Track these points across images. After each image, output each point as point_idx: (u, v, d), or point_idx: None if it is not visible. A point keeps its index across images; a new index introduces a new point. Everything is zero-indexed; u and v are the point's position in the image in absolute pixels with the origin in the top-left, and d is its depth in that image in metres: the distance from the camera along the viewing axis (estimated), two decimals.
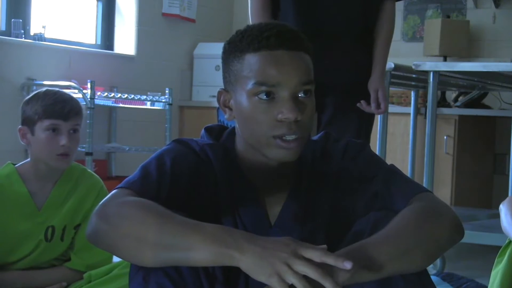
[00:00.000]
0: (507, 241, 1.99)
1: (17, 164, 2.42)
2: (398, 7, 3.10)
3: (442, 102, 5.52)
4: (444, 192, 5.13)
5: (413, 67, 3.89)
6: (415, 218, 1.46)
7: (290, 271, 1.30)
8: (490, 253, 3.63)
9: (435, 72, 3.82)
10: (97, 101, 4.94)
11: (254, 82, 1.49)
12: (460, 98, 5.48)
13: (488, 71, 3.96)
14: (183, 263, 1.38)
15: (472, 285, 3.61)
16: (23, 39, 4.95)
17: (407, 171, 5.00)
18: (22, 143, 2.39)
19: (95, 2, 5.73)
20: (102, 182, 2.49)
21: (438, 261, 3.81)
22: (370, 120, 3.04)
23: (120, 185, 1.50)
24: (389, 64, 3.93)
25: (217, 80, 1.67)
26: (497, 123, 5.59)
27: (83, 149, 4.78)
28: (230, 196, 1.58)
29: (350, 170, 1.61)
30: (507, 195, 3.72)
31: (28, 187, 2.38)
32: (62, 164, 2.35)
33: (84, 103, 4.66)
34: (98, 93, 4.94)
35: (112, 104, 5.23)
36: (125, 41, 5.78)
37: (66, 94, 2.38)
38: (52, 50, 5.14)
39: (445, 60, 5.60)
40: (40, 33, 5.06)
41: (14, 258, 2.37)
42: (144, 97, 5.32)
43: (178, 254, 1.36)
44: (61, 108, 2.31)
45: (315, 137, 1.68)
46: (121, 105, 5.26)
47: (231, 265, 1.34)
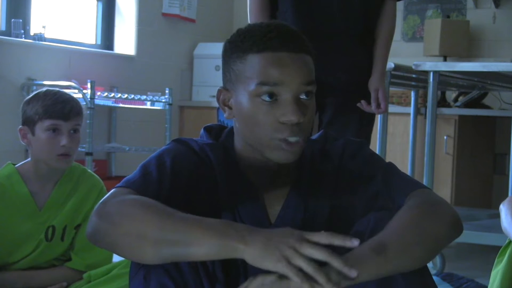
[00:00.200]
0: (507, 241, 1.99)
1: (18, 164, 2.42)
2: (398, 7, 3.10)
3: (442, 102, 5.52)
4: (444, 192, 5.13)
5: (413, 67, 3.89)
6: (414, 215, 1.46)
7: (297, 254, 1.29)
8: (490, 253, 3.64)
9: (435, 72, 3.82)
10: (97, 101, 4.94)
11: (257, 83, 1.49)
12: (460, 98, 5.48)
13: (488, 71, 3.96)
14: (185, 258, 1.37)
15: (472, 285, 3.61)
16: (23, 39, 4.95)
17: (407, 171, 5.00)
18: (23, 143, 2.39)
19: (95, 2, 5.73)
20: (103, 183, 2.49)
21: (438, 261, 3.81)
22: (371, 120, 3.04)
23: (120, 184, 1.50)
24: (389, 64, 3.92)
25: (217, 80, 1.67)
26: (497, 123, 5.59)
27: (83, 149, 4.78)
28: (230, 196, 1.58)
29: (349, 169, 1.62)
30: (507, 195, 3.72)
31: (29, 187, 2.38)
32: (63, 164, 2.35)
33: (84, 103, 4.66)
34: (98, 93, 4.94)
35: (112, 104, 5.23)
36: (125, 41, 5.78)
37: (67, 94, 2.38)
38: (52, 50, 5.14)
39: (445, 60, 5.59)
40: (40, 33, 5.06)
41: (15, 258, 2.37)
42: (144, 97, 5.31)
43: (180, 249, 1.35)
44: (62, 108, 2.31)
45: (314, 137, 1.68)
46: (121, 105, 5.26)
47: (235, 258, 1.33)
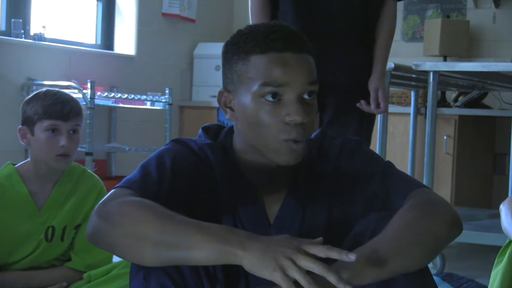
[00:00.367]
0: (507, 241, 1.99)
1: (17, 164, 2.42)
2: (399, 7, 3.10)
3: (442, 102, 5.52)
4: (444, 192, 5.13)
5: (413, 67, 3.89)
6: (414, 215, 1.46)
7: (294, 266, 1.30)
8: (490, 253, 3.64)
9: (435, 72, 3.82)
10: (97, 101, 4.94)
11: (261, 83, 1.49)
12: (460, 98, 5.47)
13: (488, 71, 3.96)
14: (185, 262, 1.37)
15: (472, 285, 3.61)
16: (23, 39, 4.95)
17: (407, 171, 4.99)
18: (22, 143, 2.39)
19: (95, 2, 5.73)
20: (103, 183, 2.49)
21: (438, 261, 3.81)
22: (371, 120, 3.03)
23: (120, 184, 1.50)
24: (389, 64, 3.92)
25: (217, 80, 1.67)
26: (497, 123, 5.59)
27: (83, 149, 4.78)
28: (229, 196, 1.57)
29: (347, 168, 1.62)
30: (507, 195, 3.72)
31: (29, 187, 2.38)
32: (62, 165, 2.35)
33: (84, 103, 4.66)
34: (98, 93, 4.94)
35: (112, 104, 5.23)
36: (125, 41, 5.78)
37: (66, 95, 2.38)
38: (52, 50, 5.14)
39: (445, 60, 5.59)
40: (40, 33, 5.06)
41: (15, 259, 2.37)
42: (144, 97, 5.31)
43: (180, 253, 1.35)
44: (61, 109, 2.31)
45: (312, 136, 1.68)
46: (121, 105, 5.26)
47: (234, 264, 1.34)
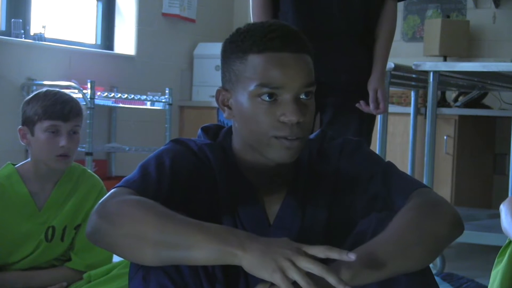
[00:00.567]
0: (507, 241, 1.99)
1: (17, 165, 2.42)
2: (399, 7, 3.09)
3: (442, 102, 5.52)
4: (444, 192, 5.13)
5: (413, 67, 3.89)
6: (415, 215, 1.46)
7: (294, 267, 1.30)
8: (490, 253, 3.63)
9: (435, 72, 3.82)
10: (97, 101, 4.94)
11: (257, 84, 1.49)
12: (460, 98, 5.47)
13: (488, 71, 3.96)
14: (184, 262, 1.37)
15: (472, 285, 3.61)
16: (23, 39, 4.95)
17: (407, 171, 4.99)
18: (22, 143, 2.39)
19: (95, 2, 5.73)
20: (103, 183, 2.49)
21: (438, 261, 3.81)
22: (371, 120, 3.03)
23: (119, 184, 1.50)
24: (389, 64, 3.92)
25: (217, 80, 1.66)
26: (497, 123, 5.59)
27: (83, 149, 4.78)
28: (229, 196, 1.57)
29: (348, 169, 1.62)
30: (507, 195, 3.72)
31: (29, 188, 2.38)
32: (62, 165, 2.35)
33: (84, 103, 4.66)
34: (98, 93, 4.94)
35: (112, 104, 5.23)
36: (125, 41, 5.78)
37: (67, 95, 2.38)
38: (52, 50, 5.14)
39: (445, 60, 5.59)
40: (40, 33, 5.06)
41: (15, 259, 2.37)
42: (144, 97, 5.31)
43: (180, 253, 1.35)
44: (61, 109, 2.31)
45: (311, 136, 1.68)
46: (121, 105, 5.26)
47: (233, 264, 1.34)
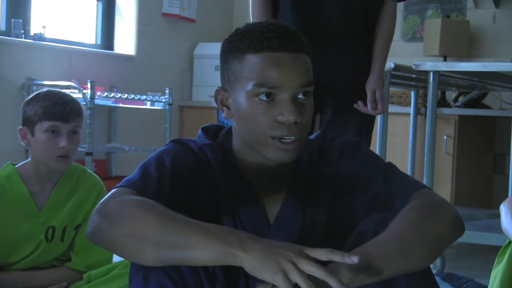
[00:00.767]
0: (507, 241, 1.99)
1: (17, 165, 2.42)
2: (399, 7, 3.10)
3: (442, 102, 5.52)
4: (444, 192, 5.13)
5: (413, 67, 3.89)
6: (416, 216, 1.46)
7: (295, 270, 1.29)
8: (490, 253, 3.64)
9: (435, 72, 3.82)
10: (97, 101, 4.95)
11: (255, 83, 1.49)
12: (460, 98, 5.48)
13: (488, 71, 3.96)
14: (185, 262, 1.37)
15: (472, 285, 3.61)
16: (23, 39, 4.95)
17: (407, 171, 4.99)
18: (22, 143, 2.39)
19: (95, 2, 5.73)
20: (103, 183, 2.49)
21: (438, 261, 3.81)
22: (371, 120, 3.03)
23: (120, 184, 1.50)
24: (389, 64, 3.92)
25: (217, 80, 1.66)
26: (497, 123, 5.59)
27: (83, 149, 4.78)
28: (229, 196, 1.57)
29: (348, 169, 1.61)
30: (507, 195, 3.72)
31: (29, 188, 2.38)
32: (62, 166, 2.35)
33: (84, 103, 4.66)
34: (98, 93, 4.94)
35: (112, 104, 5.23)
36: (125, 41, 5.78)
37: (67, 96, 2.37)
38: (52, 50, 5.14)
39: (445, 60, 5.59)
40: (40, 33, 5.06)
41: (15, 259, 2.37)
42: (144, 97, 5.32)
43: (180, 253, 1.35)
44: (61, 110, 2.30)
45: (312, 137, 1.68)
46: (121, 105, 5.26)
47: (234, 265, 1.34)
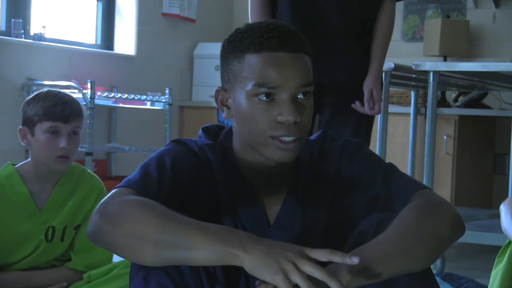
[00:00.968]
0: (507, 241, 1.99)
1: (17, 165, 2.42)
2: (398, 7, 3.10)
3: (442, 102, 5.52)
4: (444, 192, 5.13)
5: (413, 67, 3.89)
6: (416, 216, 1.46)
7: (296, 271, 1.30)
8: (490, 253, 3.64)
9: (435, 72, 3.82)
10: (97, 101, 4.94)
11: (254, 83, 1.49)
12: (460, 98, 5.48)
13: (488, 71, 3.96)
14: (185, 262, 1.37)
15: (472, 285, 3.61)
16: (23, 39, 4.95)
17: (407, 171, 4.99)
18: (22, 143, 2.39)
19: (95, 2, 5.73)
20: (103, 183, 2.49)
21: (438, 261, 3.81)
22: (370, 120, 3.03)
23: (120, 185, 1.50)
24: (389, 64, 3.92)
25: (217, 80, 1.66)
26: (497, 123, 5.59)
27: (83, 149, 4.78)
28: (229, 196, 1.57)
29: (348, 170, 1.61)
30: (507, 195, 3.72)
31: (29, 188, 2.38)
32: (62, 166, 2.35)
33: (84, 103, 4.66)
34: (98, 93, 4.94)
35: (112, 104, 5.23)
36: (125, 41, 5.78)
37: (67, 96, 2.37)
38: (52, 50, 5.14)
39: (445, 60, 5.59)
40: (40, 33, 5.06)
41: (15, 259, 2.37)
42: (144, 97, 5.32)
43: (180, 253, 1.35)
44: (61, 111, 2.30)
45: (312, 137, 1.68)
46: (121, 105, 5.26)
47: (235, 265, 1.34)
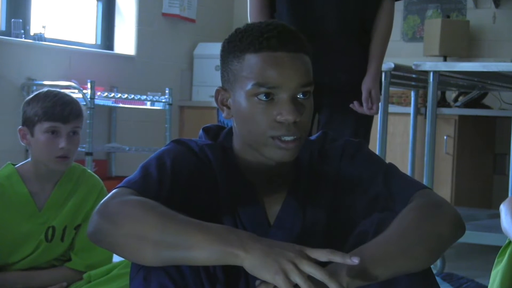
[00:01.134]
0: (507, 241, 1.99)
1: (17, 165, 2.42)
2: (398, 7, 3.10)
3: (442, 102, 5.52)
4: (444, 192, 5.13)
5: (413, 67, 3.89)
6: (416, 216, 1.46)
7: (296, 271, 1.30)
8: (490, 253, 3.63)
9: (435, 72, 3.82)
10: (97, 101, 4.95)
11: (254, 83, 1.49)
12: (460, 98, 5.48)
13: (488, 71, 3.96)
14: (186, 262, 1.37)
15: (472, 285, 3.61)
16: (23, 39, 4.95)
17: (407, 171, 4.99)
18: (22, 144, 2.39)
19: (95, 2, 5.73)
20: (102, 183, 2.49)
21: (438, 261, 3.81)
22: (369, 120, 3.03)
23: (121, 185, 1.50)
24: (389, 64, 3.93)
25: (217, 80, 1.67)
26: (497, 123, 5.59)
27: (83, 149, 4.78)
28: (229, 196, 1.57)
29: (349, 170, 1.61)
30: (507, 195, 3.72)
31: (29, 188, 2.38)
32: (61, 167, 2.35)
33: (84, 103, 4.66)
34: (98, 93, 4.94)
35: (112, 104, 5.23)
36: (125, 41, 5.78)
37: (67, 96, 2.37)
38: (52, 50, 5.14)
39: (445, 60, 5.59)
40: (40, 33, 5.06)
41: (15, 259, 2.37)
42: (144, 97, 5.32)
43: (181, 253, 1.35)
44: (61, 111, 2.30)
45: (313, 137, 1.68)
46: (121, 105, 5.26)
47: (235, 265, 1.34)
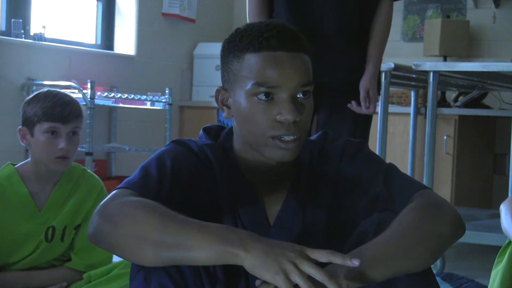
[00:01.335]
0: (507, 241, 1.99)
1: (17, 165, 2.42)
2: (398, 7, 3.10)
3: (442, 102, 5.52)
4: (444, 192, 5.13)
5: (413, 67, 3.89)
6: (416, 216, 1.46)
7: (296, 271, 1.30)
8: (490, 253, 3.63)
9: (435, 72, 3.82)
10: (97, 101, 4.94)
11: (254, 83, 1.49)
12: (460, 98, 5.48)
13: (488, 71, 3.96)
14: (186, 262, 1.37)
15: (472, 285, 3.61)
16: (23, 39, 4.95)
17: (407, 171, 4.99)
18: (22, 144, 2.39)
19: (95, 2, 5.73)
20: (102, 183, 2.49)
21: (438, 261, 3.81)
22: (368, 120, 3.03)
23: (121, 185, 1.50)
24: (389, 64, 3.93)
25: (217, 80, 1.67)
26: (497, 123, 5.59)
27: (83, 149, 4.78)
28: (229, 196, 1.57)
29: (349, 170, 1.62)
30: (507, 195, 3.72)
31: (29, 188, 2.38)
32: (61, 167, 2.34)
33: (84, 103, 4.66)
34: (98, 93, 4.94)
35: (112, 104, 5.23)
36: (125, 41, 5.78)
37: (67, 96, 2.37)
38: (52, 50, 5.14)
39: (445, 60, 5.59)
40: (40, 33, 5.06)
41: (15, 259, 2.37)
42: (144, 97, 5.32)
43: (181, 253, 1.35)
44: (61, 111, 2.30)
45: (313, 137, 1.68)
46: (121, 105, 5.26)
47: (235, 264, 1.34)
